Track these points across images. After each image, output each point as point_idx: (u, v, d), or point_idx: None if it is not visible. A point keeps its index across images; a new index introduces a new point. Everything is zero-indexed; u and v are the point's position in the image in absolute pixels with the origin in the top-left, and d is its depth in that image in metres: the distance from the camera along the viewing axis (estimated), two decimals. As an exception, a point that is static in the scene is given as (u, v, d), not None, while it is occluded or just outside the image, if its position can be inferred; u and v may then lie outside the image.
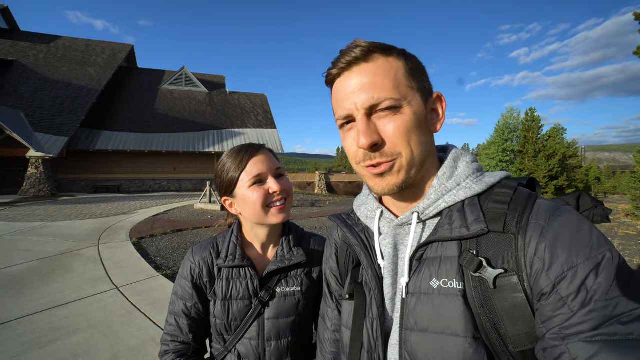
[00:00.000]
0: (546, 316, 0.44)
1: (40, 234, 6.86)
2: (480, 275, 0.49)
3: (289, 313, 0.91)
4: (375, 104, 0.52)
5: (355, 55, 0.53)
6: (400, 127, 0.52)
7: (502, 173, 0.59)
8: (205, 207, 11.94)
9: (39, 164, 15.99)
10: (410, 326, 0.54)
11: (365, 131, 0.52)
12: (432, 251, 0.55)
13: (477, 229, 0.51)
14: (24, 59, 21.39)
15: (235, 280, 0.92)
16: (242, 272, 0.92)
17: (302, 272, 0.95)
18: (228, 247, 0.93)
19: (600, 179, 43.25)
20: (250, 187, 0.87)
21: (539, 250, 0.46)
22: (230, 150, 0.92)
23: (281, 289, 0.92)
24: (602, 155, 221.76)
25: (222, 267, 0.92)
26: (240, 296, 0.90)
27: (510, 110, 37.23)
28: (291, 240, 0.97)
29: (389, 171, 0.54)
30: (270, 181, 0.88)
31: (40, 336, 2.77)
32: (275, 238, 0.98)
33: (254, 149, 0.91)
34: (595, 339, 0.39)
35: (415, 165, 0.55)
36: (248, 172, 0.87)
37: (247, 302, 0.90)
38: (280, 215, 0.88)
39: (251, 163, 0.88)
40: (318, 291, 0.94)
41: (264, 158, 0.90)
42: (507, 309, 0.47)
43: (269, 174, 0.88)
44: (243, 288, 0.91)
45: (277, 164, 0.92)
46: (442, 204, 0.56)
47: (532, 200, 0.52)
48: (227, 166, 0.90)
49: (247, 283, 0.91)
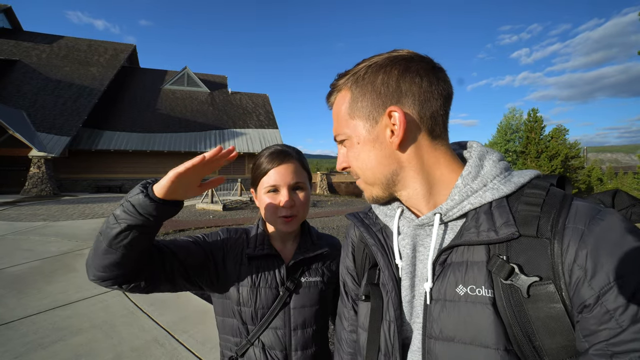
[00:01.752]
0: (590, 330, 0.40)
1: (43, 234, 6.86)
2: (512, 282, 0.46)
3: (313, 302, 0.95)
4: (335, 138, 0.64)
5: (327, 100, 0.65)
6: (350, 155, 0.61)
7: (532, 172, 0.55)
8: (207, 207, 11.94)
9: (41, 164, 16.03)
10: (435, 335, 0.51)
11: (338, 159, 0.66)
12: (458, 255, 0.52)
13: (507, 232, 0.48)
14: (27, 58, 21.47)
15: (264, 269, 0.95)
16: (270, 262, 0.96)
17: (322, 265, 1.00)
18: (256, 238, 0.99)
19: (602, 179, 43.02)
20: (265, 193, 0.93)
21: (579, 257, 0.43)
22: (269, 149, 0.98)
23: (305, 279, 0.96)
24: (604, 156, 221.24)
25: (251, 255, 0.95)
26: (268, 284, 0.93)
27: (513, 111, 37.15)
28: (312, 235, 1.04)
29: (360, 186, 0.64)
30: (283, 194, 0.91)
31: (43, 336, 2.76)
32: (293, 235, 1.03)
33: (281, 158, 0.94)
34: None
35: (374, 184, 0.60)
36: (266, 180, 0.93)
37: (274, 291, 0.93)
38: (286, 226, 0.93)
39: (272, 172, 0.93)
40: (336, 284, 0.97)
41: (286, 170, 0.93)
42: (543, 320, 0.44)
43: (285, 187, 0.92)
44: (271, 277, 0.94)
45: (298, 177, 0.94)
46: (467, 205, 0.53)
47: (568, 201, 0.48)
48: (257, 164, 0.97)
49: (274, 272, 0.94)
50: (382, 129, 0.56)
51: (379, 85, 0.55)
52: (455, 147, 0.64)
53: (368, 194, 0.63)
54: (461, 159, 0.61)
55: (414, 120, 0.55)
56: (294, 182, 0.93)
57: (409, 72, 0.54)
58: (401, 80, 0.54)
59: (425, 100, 0.54)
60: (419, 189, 0.57)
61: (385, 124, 0.55)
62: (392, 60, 0.56)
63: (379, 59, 0.57)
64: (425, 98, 0.54)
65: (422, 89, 0.54)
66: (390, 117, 0.55)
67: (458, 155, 0.61)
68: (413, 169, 0.56)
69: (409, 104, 0.54)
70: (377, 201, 0.63)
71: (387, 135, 0.55)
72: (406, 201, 0.60)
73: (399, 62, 0.55)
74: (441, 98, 0.55)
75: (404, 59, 0.55)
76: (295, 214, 0.93)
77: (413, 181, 0.57)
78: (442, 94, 0.55)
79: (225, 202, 12.53)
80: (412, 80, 0.54)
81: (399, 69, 0.55)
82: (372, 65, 0.57)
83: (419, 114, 0.54)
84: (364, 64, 0.58)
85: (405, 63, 0.55)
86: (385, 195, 0.61)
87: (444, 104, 0.56)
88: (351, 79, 0.58)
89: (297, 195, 0.94)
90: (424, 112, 0.55)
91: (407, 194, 0.59)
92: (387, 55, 0.57)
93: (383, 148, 0.56)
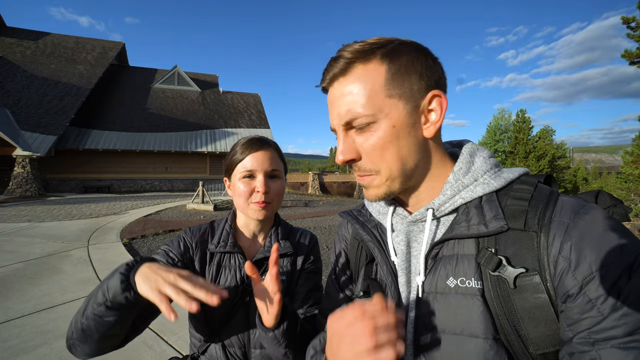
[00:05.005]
0: (573, 319, 0.41)
1: (27, 235, 6.68)
2: (499, 274, 0.47)
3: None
4: (350, 121, 0.52)
5: (334, 72, 0.53)
6: (375, 144, 0.51)
7: (521, 169, 0.57)
8: (198, 207, 11.81)
9: (25, 163, 15.60)
10: (426, 326, 0.52)
11: (340, 149, 0.54)
12: (448, 249, 0.53)
13: (496, 226, 0.49)
14: (11, 55, 20.86)
15: (225, 267, 0.93)
16: (232, 259, 0.94)
17: (288, 262, 0.98)
18: (221, 234, 0.97)
19: (587, 179, 44.20)
20: (240, 179, 0.92)
21: (563, 249, 0.44)
22: (245, 138, 0.96)
23: None
24: (588, 157, 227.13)
25: (213, 251, 0.94)
26: (227, 283, 0.91)
27: (502, 112, 37.85)
28: (280, 232, 1.00)
29: (370, 184, 0.55)
30: (259, 180, 0.91)
31: (26, 340, 2.67)
32: (265, 230, 1.01)
33: (259, 144, 0.93)
34: (630, 345, 0.37)
35: (397, 178, 0.54)
36: (242, 165, 0.92)
37: (234, 289, 0.91)
38: (258, 213, 0.91)
39: (249, 157, 0.92)
40: (303, 281, 0.98)
41: (263, 156, 0.92)
42: (528, 310, 0.45)
43: (261, 173, 0.91)
44: (231, 275, 0.92)
45: (275, 165, 0.94)
46: (459, 200, 0.54)
47: (554, 197, 0.49)
48: (233, 151, 0.95)
49: (235, 270, 0.93)
50: (420, 114, 0.52)
51: (420, 66, 0.52)
52: (447, 146, 0.65)
53: (382, 191, 0.55)
54: (453, 157, 0.61)
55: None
56: (271, 169, 0.92)
57: (436, 60, 0.54)
58: (435, 66, 0.53)
59: (446, 91, 0.55)
60: (427, 182, 0.57)
61: (424, 108, 0.52)
62: (416, 44, 0.54)
63: (403, 40, 0.53)
64: (446, 89, 0.55)
65: (443, 79, 0.55)
66: (430, 102, 0.52)
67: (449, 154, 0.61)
68: (431, 161, 0.56)
69: (443, 91, 0.54)
70: (387, 198, 0.57)
71: (422, 121, 0.53)
72: (408, 197, 0.60)
73: (424, 48, 0.54)
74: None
75: (423, 46, 0.55)
76: (269, 201, 0.91)
77: (426, 175, 0.57)
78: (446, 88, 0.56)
79: (216, 202, 12.40)
80: (441, 69, 0.54)
81: (430, 55, 0.54)
82: (404, 43, 0.52)
83: None
84: (391, 40, 0.52)
85: (428, 50, 0.54)
86: (399, 191, 0.56)
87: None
88: (381, 52, 0.51)
89: (273, 183, 0.93)
90: None
91: (414, 189, 0.58)
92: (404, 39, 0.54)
93: (417, 135, 0.53)
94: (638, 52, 11.54)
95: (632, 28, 11.87)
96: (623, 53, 11.92)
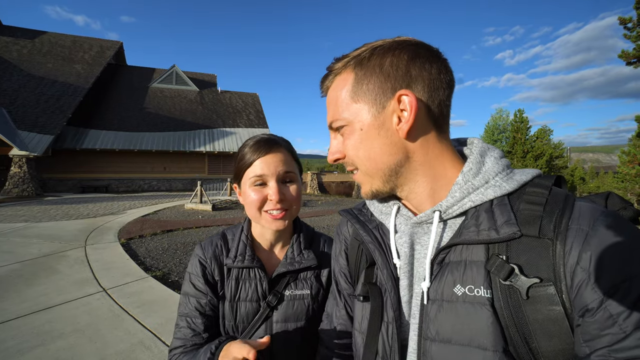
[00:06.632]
0: (591, 334, 0.39)
1: (24, 235, 6.63)
2: (511, 283, 0.44)
3: (298, 317, 0.87)
4: (331, 124, 0.58)
5: (325, 84, 0.59)
6: (351, 145, 0.56)
7: (534, 171, 0.53)
8: (196, 207, 11.77)
9: (22, 163, 15.49)
10: (431, 336, 0.50)
11: (330, 149, 0.60)
12: (456, 254, 0.51)
13: (508, 232, 0.46)
14: (7, 54, 20.69)
15: (245, 281, 0.88)
16: (251, 273, 0.89)
17: (312, 275, 0.91)
18: (238, 246, 0.90)
19: (585, 179, 44.32)
20: (250, 187, 0.84)
21: (582, 259, 0.41)
22: (253, 139, 0.88)
23: (290, 291, 0.88)
24: (586, 156, 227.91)
25: (231, 267, 0.88)
26: (248, 298, 0.87)
27: (500, 112, 37.91)
28: (302, 241, 0.93)
29: (358, 180, 0.59)
30: (272, 187, 0.82)
31: (22, 342, 2.65)
32: (284, 238, 0.95)
33: (268, 146, 0.84)
34: None
35: (375, 176, 0.56)
36: (252, 171, 0.84)
37: (255, 305, 0.87)
38: (274, 223, 0.84)
39: (258, 162, 0.83)
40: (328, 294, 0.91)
41: (273, 159, 0.83)
42: (541, 322, 0.43)
43: (273, 178, 0.83)
44: (252, 290, 0.87)
45: (288, 167, 0.86)
46: (468, 202, 0.51)
47: (571, 202, 0.47)
48: (241, 154, 0.87)
49: (256, 285, 0.87)
50: (389, 115, 0.52)
51: (388, 68, 0.52)
52: (455, 144, 0.62)
53: (367, 188, 0.58)
54: (461, 156, 0.59)
55: (423, 107, 0.52)
56: (284, 172, 0.84)
57: (419, 57, 0.52)
58: (411, 64, 0.51)
59: (434, 88, 0.52)
60: (422, 183, 0.55)
61: (393, 109, 0.52)
62: (400, 44, 0.53)
63: (385, 42, 0.54)
64: (434, 86, 0.52)
65: (431, 75, 0.52)
66: (400, 102, 0.51)
67: (458, 152, 0.59)
68: (418, 161, 0.54)
69: (418, 90, 0.51)
70: (376, 196, 0.59)
71: (394, 121, 0.52)
72: (406, 197, 0.58)
73: (408, 47, 0.52)
74: (448, 88, 0.53)
75: (412, 44, 0.53)
76: (286, 208, 0.84)
77: (416, 174, 0.55)
78: (449, 84, 0.53)
79: (215, 202, 12.36)
80: (422, 66, 0.52)
81: (409, 54, 0.52)
82: (377, 48, 0.53)
83: (428, 102, 0.52)
84: (368, 47, 0.54)
85: (414, 48, 0.52)
86: (386, 190, 0.57)
87: (449, 94, 0.54)
88: (353, 61, 0.54)
89: (288, 189, 0.85)
90: (432, 101, 0.52)
91: (409, 189, 0.56)
92: (392, 39, 0.54)
93: (389, 135, 0.53)
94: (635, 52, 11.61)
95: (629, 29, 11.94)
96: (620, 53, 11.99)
